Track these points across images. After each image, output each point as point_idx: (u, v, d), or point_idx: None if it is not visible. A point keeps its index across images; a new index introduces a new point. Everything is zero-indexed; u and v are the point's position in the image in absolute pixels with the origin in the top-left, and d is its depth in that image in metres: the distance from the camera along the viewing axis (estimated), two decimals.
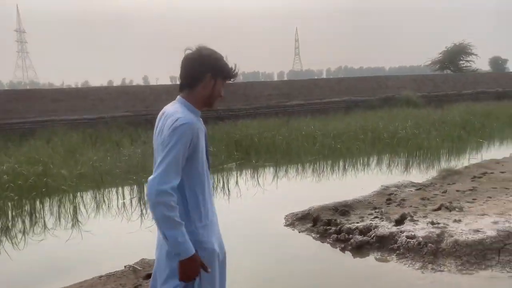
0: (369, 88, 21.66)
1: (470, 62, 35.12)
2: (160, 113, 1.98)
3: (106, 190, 6.91)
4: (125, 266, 4.09)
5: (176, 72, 2.00)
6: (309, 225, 5.26)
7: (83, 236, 5.24)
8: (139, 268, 4.02)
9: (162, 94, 16.22)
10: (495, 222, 4.49)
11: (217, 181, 7.47)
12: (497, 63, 44.66)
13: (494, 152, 9.95)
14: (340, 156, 9.36)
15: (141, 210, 6.14)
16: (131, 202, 6.55)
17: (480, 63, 37.27)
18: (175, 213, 1.73)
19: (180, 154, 1.75)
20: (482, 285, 3.58)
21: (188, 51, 1.91)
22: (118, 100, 15.65)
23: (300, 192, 7.14)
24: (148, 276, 3.86)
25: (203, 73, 1.88)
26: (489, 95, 23.41)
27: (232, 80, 1.99)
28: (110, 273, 3.96)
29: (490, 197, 5.72)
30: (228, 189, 7.16)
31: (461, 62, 34.95)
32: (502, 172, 7.23)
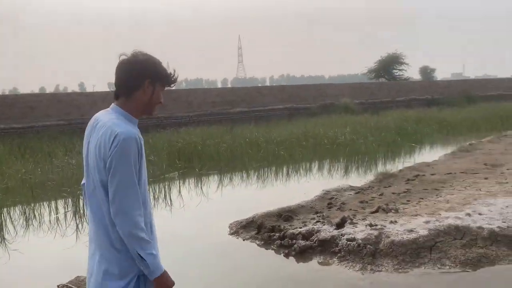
0: (310, 95, 22.33)
1: (403, 71, 37.48)
2: (92, 120, 1.84)
3: (37, 204, 6.44)
4: (58, 286, 3.81)
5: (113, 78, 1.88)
6: (253, 232, 5.24)
7: (10, 255, 4.83)
8: (73, 287, 3.76)
9: (99, 102, 15.56)
10: (427, 222, 4.76)
11: (159, 192, 7.25)
12: (426, 72, 47.89)
13: (425, 155, 10.62)
14: (283, 163, 9.50)
15: (77, 224, 5.78)
16: (65, 216, 6.14)
17: (411, 72, 39.84)
18: (145, 233, 1.71)
19: (133, 175, 1.69)
20: (416, 282, 3.76)
21: (123, 57, 1.79)
22: (50, 108, 14.79)
23: (244, 200, 7.13)
24: None
25: (141, 80, 1.77)
26: (420, 102, 25.08)
27: (172, 86, 1.89)
28: None
29: (422, 198, 6.06)
30: (171, 200, 6.97)
31: (394, 71, 37.16)
32: (432, 174, 7.72)
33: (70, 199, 6.50)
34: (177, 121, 16.11)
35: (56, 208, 6.37)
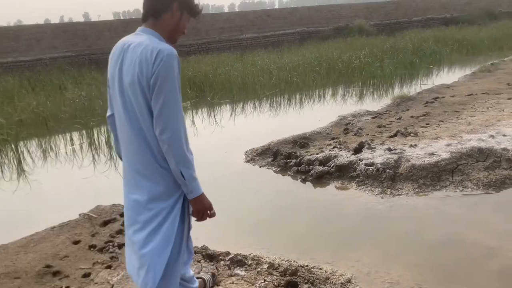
0: (323, 18, 21.25)
1: None
2: (120, 44, 1.77)
3: (53, 136, 6.45)
4: (79, 215, 3.88)
5: (119, 7, 1.68)
6: (269, 159, 5.20)
7: (31, 186, 4.91)
8: (95, 216, 3.82)
9: (105, 31, 15.07)
10: (448, 145, 4.62)
11: None
12: None
13: (444, 77, 10.22)
14: (296, 89, 9.26)
15: (93, 155, 5.81)
16: (81, 147, 6.17)
17: None
18: (189, 153, 1.73)
19: (178, 91, 1.67)
20: (437, 205, 3.72)
21: None
22: (56, 39, 14.36)
23: (258, 128, 7.03)
24: (105, 223, 3.69)
25: (170, 2, 1.76)
26: (438, 21, 23.75)
27: (196, 17, 1.88)
28: (63, 223, 3.74)
29: (442, 121, 5.88)
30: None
31: None
32: (452, 96, 7.44)
33: (84, 131, 6.49)
34: (185, 50, 15.62)
35: (71, 140, 6.39)
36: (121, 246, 3.20)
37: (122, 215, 3.81)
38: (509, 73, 9.25)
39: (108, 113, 1.92)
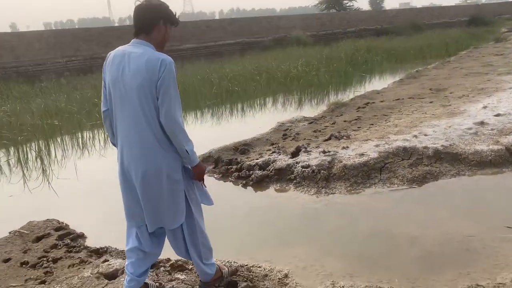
0: (262, 28, 21.76)
1: (353, 1, 37.16)
2: (120, 53, 2.16)
3: None
4: (9, 232, 3.68)
5: (51, 17, 1.69)
6: (210, 167, 5.25)
7: None
8: (27, 232, 3.65)
9: (35, 42, 14.34)
10: (377, 145, 4.96)
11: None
12: (375, 2, 47.91)
13: (375, 84, 10.89)
14: (238, 99, 9.39)
15: (23, 171, 5.51)
16: (8, 163, 5.82)
17: (361, 2, 39.54)
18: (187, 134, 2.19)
19: (177, 89, 2.13)
20: (367, 201, 3.97)
21: (138, 2, 2.18)
22: None
23: (200, 137, 6.95)
24: (39, 239, 3.54)
25: (157, 20, 2.19)
26: (370, 32, 25.23)
27: (175, 26, 2.30)
28: None
29: (372, 124, 6.27)
30: None
31: (345, 1, 36.76)
32: (382, 101, 7.96)
33: (13, 146, 6.13)
34: None
35: None
36: (56, 260, 3.09)
37: (56, 229, 3.67)
38: (431, 79, 10.07)
39: (103, 108, 2.27)
